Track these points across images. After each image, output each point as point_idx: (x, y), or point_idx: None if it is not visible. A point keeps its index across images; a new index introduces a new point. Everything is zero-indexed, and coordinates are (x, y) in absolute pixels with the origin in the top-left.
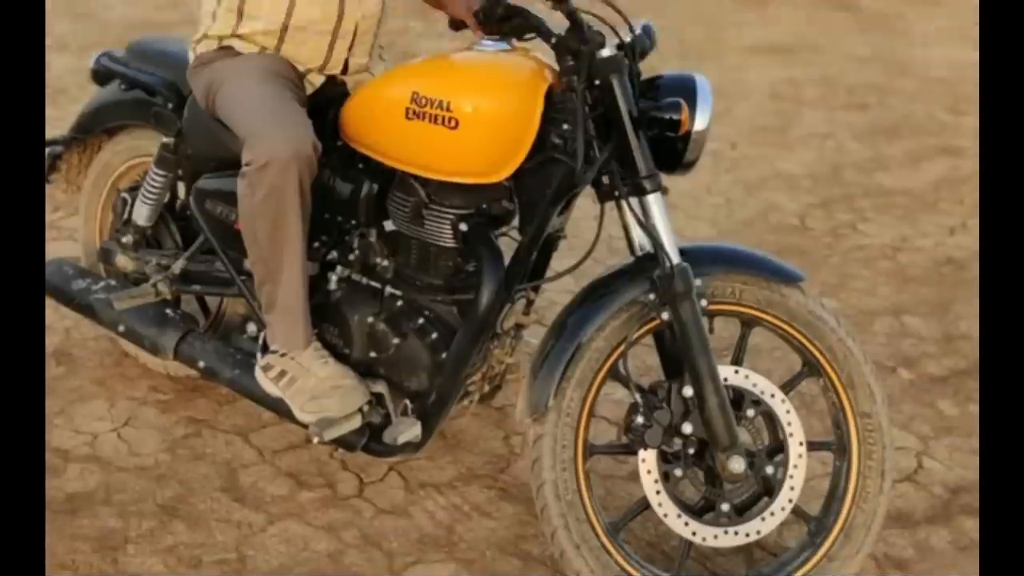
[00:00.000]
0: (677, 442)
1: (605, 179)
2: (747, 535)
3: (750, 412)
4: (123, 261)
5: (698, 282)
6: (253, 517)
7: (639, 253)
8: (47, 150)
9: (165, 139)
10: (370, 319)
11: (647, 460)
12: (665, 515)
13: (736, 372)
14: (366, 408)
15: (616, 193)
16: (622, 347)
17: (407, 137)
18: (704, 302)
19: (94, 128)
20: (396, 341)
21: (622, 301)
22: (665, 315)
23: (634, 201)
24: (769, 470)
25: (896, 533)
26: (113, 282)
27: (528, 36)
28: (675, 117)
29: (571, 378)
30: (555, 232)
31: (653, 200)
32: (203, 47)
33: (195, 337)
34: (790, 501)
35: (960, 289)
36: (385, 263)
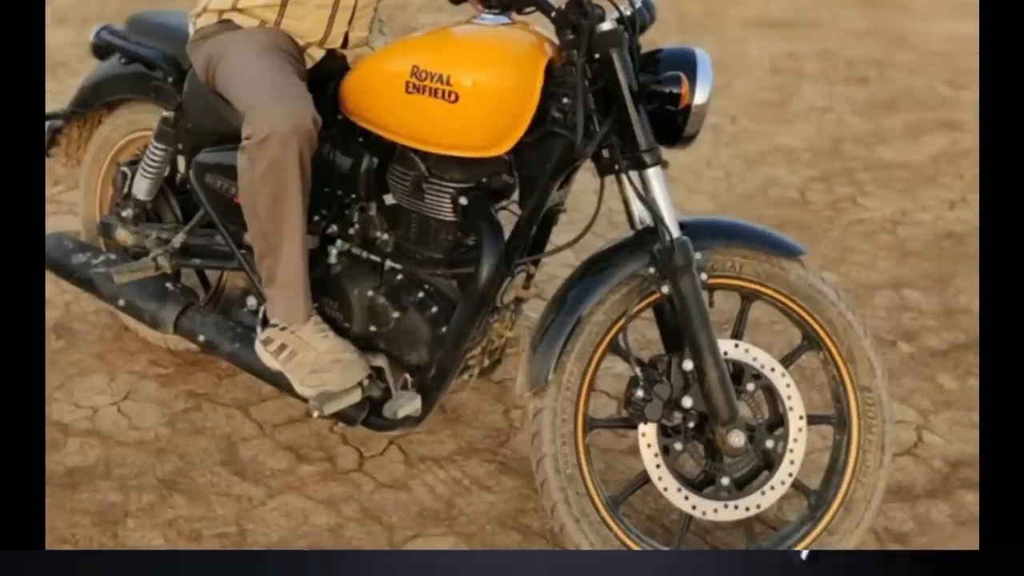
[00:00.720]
0: (677, 416)
1: (605, 153)
2: (747, 509)
3: (750, 386)
4: (123, 235)
5: (698, 256)
6: (253, 491)
7: (639, 227)
8: (47, 124)
9: (165, 113)
10: (370, 293)
11: (647, 434)
12: (665, 489)
13: (736, 346)
14: (366, 382)
15: (616, 167)
16: (622, 321)
17: (407, 111)
18: (704, 276)
19: (94, 102)
20: (396, 315)
21: (622, 275)
22: (665, 289)
23: (634, 175)
24: (769, 444)
25: (896, 507)
26: (113, 256)
27: (528, 10)
28: (675, 91)
29: (571, 352)
30: (555, 206)
31: (653, 174)
32: (203, 20)
33: (195, 311)
34: (790, 475)
35: (960, 263)
36: (385, 237)
